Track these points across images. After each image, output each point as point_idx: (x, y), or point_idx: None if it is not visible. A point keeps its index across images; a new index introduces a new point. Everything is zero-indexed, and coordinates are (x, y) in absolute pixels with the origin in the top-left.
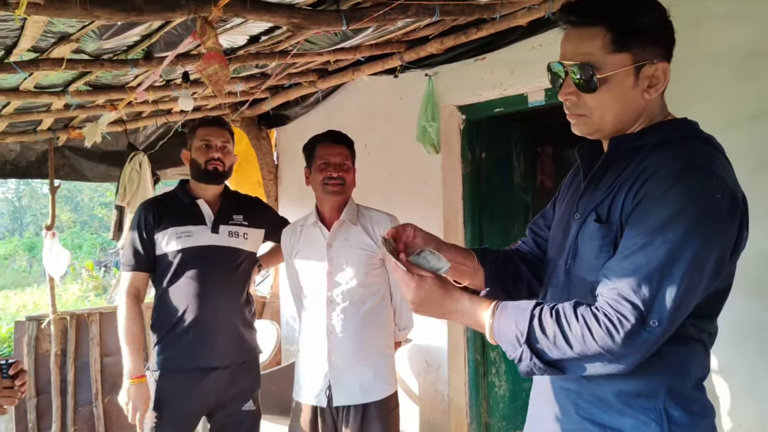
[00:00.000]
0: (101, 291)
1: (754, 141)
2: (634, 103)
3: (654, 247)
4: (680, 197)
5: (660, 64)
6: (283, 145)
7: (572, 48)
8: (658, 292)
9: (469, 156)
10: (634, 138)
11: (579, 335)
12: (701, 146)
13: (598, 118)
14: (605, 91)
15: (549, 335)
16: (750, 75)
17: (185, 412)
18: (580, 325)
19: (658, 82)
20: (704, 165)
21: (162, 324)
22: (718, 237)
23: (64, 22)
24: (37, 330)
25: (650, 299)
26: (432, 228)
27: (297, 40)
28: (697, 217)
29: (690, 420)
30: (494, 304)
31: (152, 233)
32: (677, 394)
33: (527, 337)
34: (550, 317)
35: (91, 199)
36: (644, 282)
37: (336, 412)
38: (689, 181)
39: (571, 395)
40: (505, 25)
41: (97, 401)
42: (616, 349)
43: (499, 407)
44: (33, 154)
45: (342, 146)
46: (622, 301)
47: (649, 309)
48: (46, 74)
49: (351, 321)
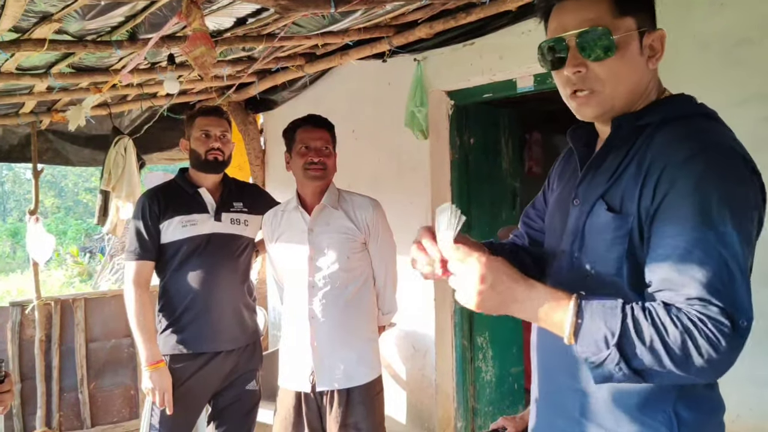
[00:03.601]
0: (86, 277)
1: (742, 127)
2: (643, 73)
3: (709, 241)
4: (712, 182)
5: (658, 32)
6: (270, 130)
7: (574, 17)
8: (735, 289)
9: (458, 141)
10: (636, 117)
11: (678, 342)
12: (708, 123)
13: (611, 90)
14: (618, 58)
15: (645, 339)
16: (738, 61)
17: (193, 397)
18: (680, 332)
19: (657, 52)
20: (721, 142)
21: (169, 311)
22: (756, 213)
23: (46, 2)
24: (21, 315)
25: (732, 299)
26: (420, 214)
27: (284, 23)
28: (735, 200)
29: (700, 419)
30: (576, 296)
31: (157, 222)
32: (688, 394)
33: (619, 339)
34: (645, 319)
35: (76, 184)
36: (719, 282)
37: (320, 397)
38: (714, 163)
39: (578, 396)
40: (494, 10)
41: (83, 387)
42: (717, 358)
43: (486, 392)
44: (15, 137)
45: (323, 130)
46: (708, 306)
47: (735, 309)
48: (27, 55)
49: (333, 306)
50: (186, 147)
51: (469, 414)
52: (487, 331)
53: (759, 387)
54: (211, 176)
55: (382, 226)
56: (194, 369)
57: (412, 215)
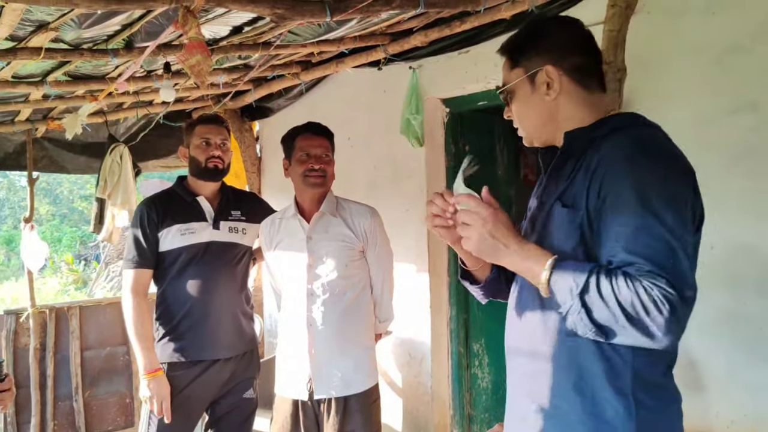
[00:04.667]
0: (81, 284)
1: (733, 135)
2: (540, 106)
3: (652, 226)
4: (649, 177)
5: (546, 67)
6: (266, 138)
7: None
8: (679, 264)
9: (453, 149)
10: (588, 130)
11: (629, 301)
12: (647, 130)
13: (522, 126)
14: (516, 102)
15: (603, 295)
16: (729, 69)
17: (191, 405)
18: (632, 293)
19: (553, 83)
20: (656, 144)
21: (167, 319)
22: (689, 197)
23: (43, 10)
24: (15, 324)
25: (677, 273)
26: (415, 221)
27: (280, 32)
28: (670, 191)
29: (658, 405)
30: (555, 257)
31: (156, 230)
32: (645, 381)
33: (581, 291)
34: (605, 277)
35: (71, 192)
36: (664, 259)
37: (317, 405)
38: (650, 161)
39: (544, 379)
40: (489, 18)
41: (77, 395)
42: (664, 320)
43: (482, 399)
44: (11, 145)
45: (322, 138)
46: (657, 278)
47: (680, 281)
48: (24, 63)
49: (331, 313)
50: (185, 155)
51: (466, 421)
52: (483, 338)
53: (753, 393)
54: (210, 184)
55: (379, 235)
56: (192, 377)
57: (407, 222)
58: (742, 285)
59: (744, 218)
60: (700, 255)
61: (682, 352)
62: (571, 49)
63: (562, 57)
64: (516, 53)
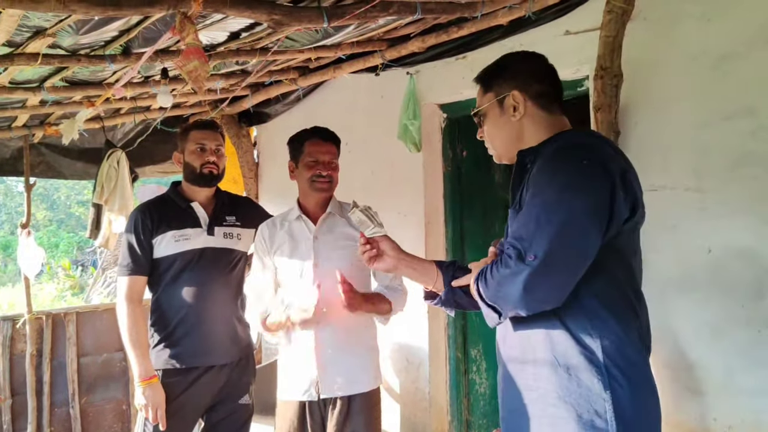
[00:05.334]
0: (78, 290)
1: (730, 140)
2: (508, 127)
3: (532, 205)
4: (551, 168)
5: (512, 92)
6: (263, 143)
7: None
8: (534, 234)
9: (450, 154)
10: (539, 146)
11: (490, 272)
12: (579, 135)
13: (493, 145)
14: (487, 123)
15: (487, 277)
16: (725, 75)
17: (186, 412)
18: (492, 266)
19: (519, 105)
20: (573, 143)
21: (161, 325)
22: (588, 193)
23: (40, 16)
24: (11, 330)
25: (528, 240)
26: (413, 226)
27: (278, 37)
28: (566, 178)
29: (632, 381)
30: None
31: (150, 237)
32: (615, 355)
33: (476, 278)
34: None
35: (68, 197)
36: (523, 230)
37: (324, 405)
38: (559, 156)
39: (527, 366)
40: (486, 24)
41: (74, 402)
42: (503, 279)
43: (480, 405)
44: (8, 151)
45: (331, 144)
46: (509, 248)
47: (526, 248)
48: (21, 69)
49: (337, 312)
50: (179, 160)
51: (464, 427)
52: (481, 343)
53: (751, 397)
54: (205, 190)
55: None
56: (187, 384)
57: (405, 227)
58: (739, 289)
59: (741, 222)
60: (697, 259)
61: (679, 356)
62: (534, 78)
63: (527, 84)
64: (488, 81)
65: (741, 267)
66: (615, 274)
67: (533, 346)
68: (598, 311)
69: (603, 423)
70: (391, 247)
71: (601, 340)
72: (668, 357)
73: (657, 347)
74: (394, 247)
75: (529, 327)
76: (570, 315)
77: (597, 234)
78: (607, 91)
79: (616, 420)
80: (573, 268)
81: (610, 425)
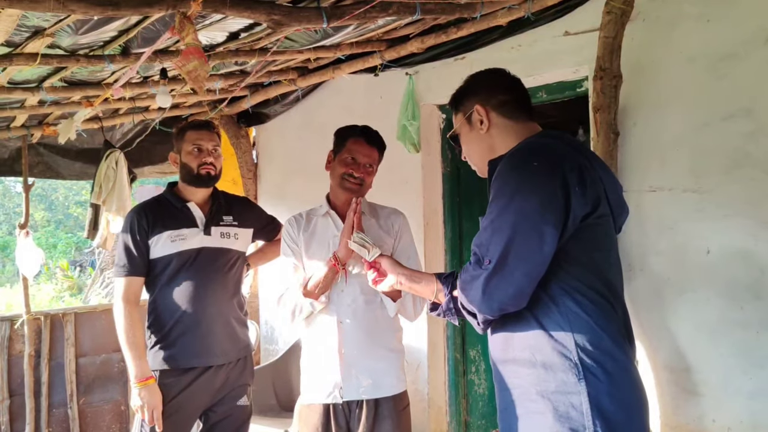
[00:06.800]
0: (76, 291)
1: (728, 141)
2: (478, 140)
3: (489, 211)
4: (505, 173)
5: (475, 107)
6: (262, 144)
7: None
8: (490, 239)
9: (449, 155)
10: (502, 156)
11: (460, 279)
12: (536, 137)
13: (473, 162)
14: (462, 142)
15: (458, 283)
16: (723, 76)
17: (183, 413)
18: (461, 273)
19: (483, 118)
20: (527, 146)
21: (158, 326)
22: (538, 193)
23: (39, 16)
24: (10, 330)
25: (485, 246)
26: (412, 227)
27: (277, 38)
28: (517, 182)
29: (607, 370)
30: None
31: (146, 238)
32: (589, 348)
33: (450, 292)
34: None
35: (66, 198)
36: (483, 235)
37: (348, 409)
38: (512, 160)
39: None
40: (485, 25)
41: (72, 403)
42: (465, 283)
43: (479, 406)
44: (6, 151)
45: (374, 149)
46: (473, 254)
47: (484, 253)
48: (19, 69)
49: (362, 311)
50: (175, 161)
51: (462, 428)
52: (480, 344)
53: (749, 399)
54: (201, 190)
55: (407, 233)
56: (184, 384)
57: None
58: (738, 290)
59: (739, 223)
60: (696, 259)
61: (678, 357)
62: (495, 90)
63: (489, 96)
64: (457, 103)
65: (739, 268)
66: (583, 269)
67: (512, 345)
68: (570, 306)
69: (578, 415)
70: (389, 263)
71: (574, 334)
72: (667, 358)
73: (655, 348)
74: (392, 263)
75: (507, 328)
76: (543, 312)
77: (552, 232)
78: (607, 91)
79: (592, 412)
80: (528, 268)
81: (586, 417)
